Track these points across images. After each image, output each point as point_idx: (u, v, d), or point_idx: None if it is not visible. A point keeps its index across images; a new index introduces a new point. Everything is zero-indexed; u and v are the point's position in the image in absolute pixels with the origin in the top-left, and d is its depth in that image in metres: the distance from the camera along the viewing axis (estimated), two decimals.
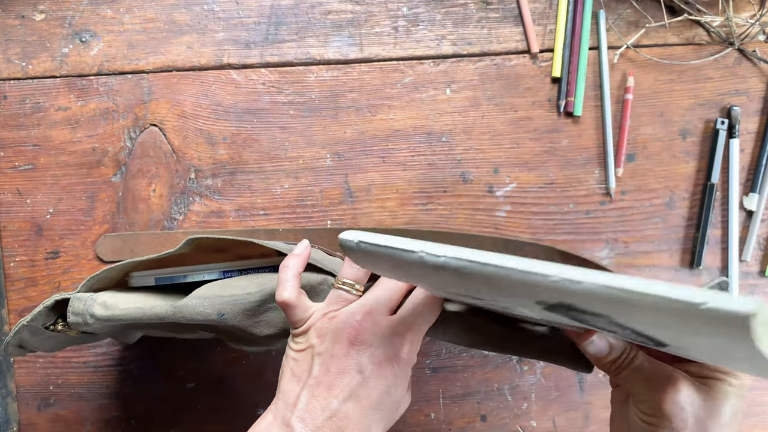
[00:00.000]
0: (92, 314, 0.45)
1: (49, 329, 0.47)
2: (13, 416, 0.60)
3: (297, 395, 0.40)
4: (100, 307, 0.45)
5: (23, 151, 0.60)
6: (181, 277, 0.49)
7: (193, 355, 0.60)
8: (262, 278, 0.46)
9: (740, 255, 0.60)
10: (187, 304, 0.44)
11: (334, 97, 0.60)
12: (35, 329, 0.46)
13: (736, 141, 0.59)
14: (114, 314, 0.45)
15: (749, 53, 0.60)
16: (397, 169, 0.60)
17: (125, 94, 0.60)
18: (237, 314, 0.44)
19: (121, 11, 0.60)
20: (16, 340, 0.46)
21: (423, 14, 0.60)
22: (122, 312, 0.45)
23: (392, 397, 0.40)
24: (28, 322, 0.45)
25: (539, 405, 0.60)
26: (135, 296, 0.47)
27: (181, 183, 0.60)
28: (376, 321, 0.40)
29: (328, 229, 0.59)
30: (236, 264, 0.49)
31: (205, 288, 0.46)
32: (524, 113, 0.60)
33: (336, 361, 0.39)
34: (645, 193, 0.60)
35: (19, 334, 0.45)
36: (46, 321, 0.46)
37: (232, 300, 0.44)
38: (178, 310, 0.44)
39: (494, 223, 0.60)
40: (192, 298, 0.44)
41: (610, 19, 0.60)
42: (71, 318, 0.45)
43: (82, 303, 0.45)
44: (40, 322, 0.46)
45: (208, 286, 0.46)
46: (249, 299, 0.44)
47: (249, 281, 0.46)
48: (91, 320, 0.45)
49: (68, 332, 0.47)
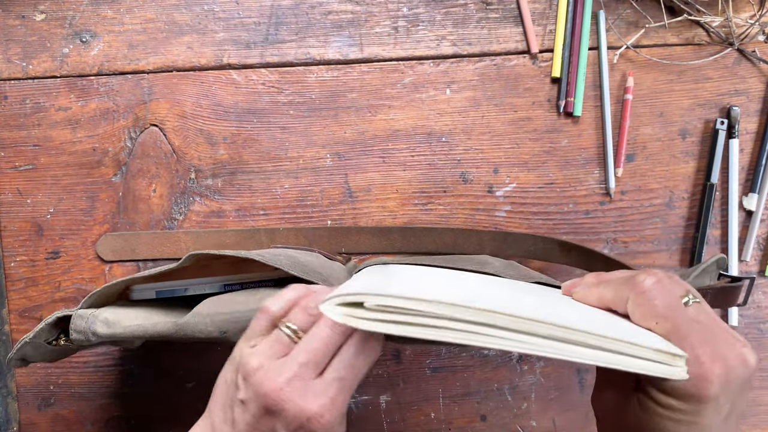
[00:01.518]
0: (95, 332, 0.45)
1: (51, 344, 0.47)
2: (14, 416, 0.60)
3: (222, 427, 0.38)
4: (102, 325, 0.45)
5: (24, 151, 0.60)
6: (182, 290, 0.49)
7: (193, 355, 0.60)
8: (263, 293, 0.46)
9: (740, 255, 0.60)
10: (188, 321, 0.44)
11: (334, 97, 0.60)
12: (37, 345, 0.46)
13: (736, 141, 0.59)
14: (116, 332, 0.45)
15: (749, 53, 0.60)
16: (397, 169, 0.60)
17: (125, 94, 0.60)
18: (239, 331, 0.44)
19: (121, 11, 0.60)
20: (18, 355, 0.47)
21: (423, 14, 0.60)
22: (124, 330, 0.45)
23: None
24: (31, 339, 0.45)
25: (539, 405, 0.60)
26: (136, 311, 0.47)
27: (181, 183, 0.60)
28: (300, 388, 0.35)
29: (329, 228, 0.59)
30: (237, 278, 0.49)
31: (206, 304, 0.46)
32: (524, 113, 0.60)
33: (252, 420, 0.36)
34: (644, 193, 0.60)
35: (21, 350, 0.46)
36: (48, 337, 0.47)
37: (233, 317, 0.44)
38: (180, 328, 0.44)
39: (494, 223, 0.60)
40: (194, 316, 0.45)
41: (610, 20, 0.60)
42: (74, 336, 0.46)
43: (84, 321, 0.46)
44: (42, 338, 0.46)
45: (210, 301, 0.46)
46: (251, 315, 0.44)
47: (250, 296, 0.46)
48: (93, 338, 0.45)
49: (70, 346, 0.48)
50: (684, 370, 0.31)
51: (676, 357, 0.31)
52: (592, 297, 0.38)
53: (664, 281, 0.35)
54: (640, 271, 0.37)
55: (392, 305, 0.29)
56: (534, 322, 0.29)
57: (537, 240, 0.56)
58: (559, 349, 0.29)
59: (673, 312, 0.33)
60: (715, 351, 0.32)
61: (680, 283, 0.36)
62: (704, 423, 0.32)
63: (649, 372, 0.30)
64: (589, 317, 0.33)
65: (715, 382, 0.31)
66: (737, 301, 0.49)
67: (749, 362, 0.33)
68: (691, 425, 0.32)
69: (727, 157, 0.60)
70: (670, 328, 0.33)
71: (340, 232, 0.59)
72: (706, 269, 0.48)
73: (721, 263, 0.48)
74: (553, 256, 0.56)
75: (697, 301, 0.35)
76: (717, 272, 0.49)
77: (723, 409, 0.32)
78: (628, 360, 0.30)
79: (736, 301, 0.49)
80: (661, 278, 0.35)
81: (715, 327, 0.34)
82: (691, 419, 0.32)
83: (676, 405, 0.32)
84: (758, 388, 0.60)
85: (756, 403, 0.61)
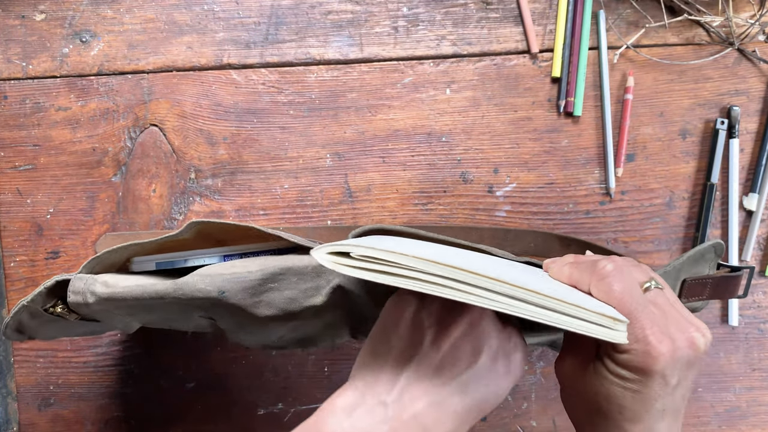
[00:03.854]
0: (93, 292, 0.44)
1: (48, 312, 0.47)
2: (14, 416, 0.60)
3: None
4: (101, 285, 0.45)
5: (23, 151, 0.60)
6: (182, 261, 0.49)
7: (193, 355, 0.60)
8: (263, 259, 0.46)
9: (740, 255, 0.60)
10: (187, 281, 0.44)
11: (334, 97, 0.60)
12: (35, 311, 0.46)
13: (736, 141, 0.59)
14: (115, 291, 0.45)
15: (749, 53, 0.60)
16: (397, 169, 0.60)
17: (125, 94, 0.60)
18: (238, 292, 0.44)
19: (121, 11, 0.60)
20: (14, 322, 0.46)
21: (423, 14, 0.60)
22: (123, 289, 0.45)
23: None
24: (28, 302, 0.44)
25: (539, 405, 0.60)
26: (136, 277, 0.47)
27: (181, 183, 0.60)
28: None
29: (329, 227, 0.59)
30: (236, 248, 0.49)
31: (206, 268, 0.46)
32: (524, 113, 0.60)
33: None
34: (645, 193, 0.60)
35: (18, 314, 0.45)
36: (46, 303, 0.46)
37: (233, 277, 0.44)
38: (179, 287, 0.44)
39: (494, 223, 0.60)
40: (193, 276, 0.44)
41: (610, 19, 0.60)
42: (71, 297, 0.45)
43: (82, 282, 0.45)
44: (39, 303, 0.45)
45: (209, 267, 0.46)
46: (250, 277, 0.44)
47: (250, 261, 0.46)
48: (91, 298, 0.44)
49: (67, 316, 0.47)
50: (624, 335, 0.35)
51: (618, 321, 0.34)
52: (564, 275, 0.40)
53: (624, 268, 0.38)
54: (604, 258, 0.40)
55: (373, 256, 0.33)
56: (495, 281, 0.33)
57: (537, 235, 0.56)
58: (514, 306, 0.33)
59: (628, 296, 0.36)
60: (664, 332, 0.35)
61: (644, 270, 0.40)
62: (649, 393, 0.35)
63: (591, 333, 0.33)
64: (553, 287, 0.36)
65: (660, 359, 0.35)
66: (737, 292, 0.48)
67: (697, 345, 0.36)
68: (637, 393, 0.36)
69: (727, 157, 0.60)
70: (624, 310, 0.36)
71: (340, 232, 0.59)
72: (704, 255, 0.48)
73: (719, 250, 0.48)
74: (553, 251, 0.56)
75: (659, 287, 0.38)
76: (716, 261, 0.49)
77: (670, 382, 0.35)
78: (574, 321, 0.33)
79: (737, 291, 0.48)
80: (621, 265, 0.38)
81: (671, 311, 0.37)
82: (637, 388, 0.36)
83: (625, 375, 0.36)
84: (758, 388, 0.60)
85: (756, 402, 0.60)
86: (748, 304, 0.60)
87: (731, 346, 0.60)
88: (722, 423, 0.61)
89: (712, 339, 0.37)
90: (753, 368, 0.60)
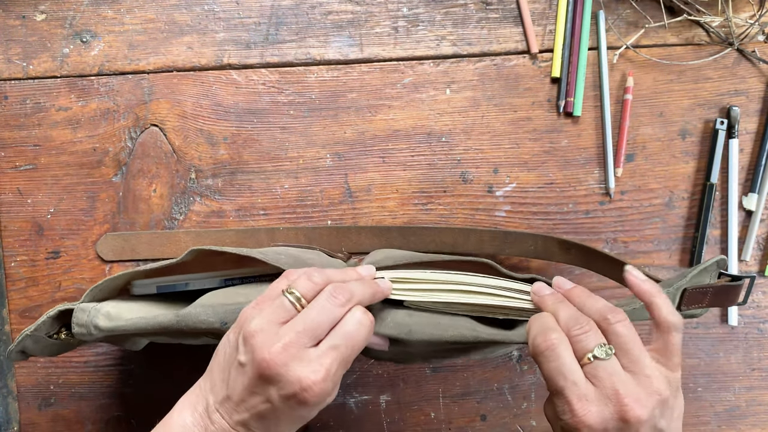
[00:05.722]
0: (96, 326, 0.45)
1: (52, 338, 0.47)
2: (14, 416, 0.60)
3: (220, 386, 0.39)
4: (104, 318, 0.45)
5: (24, 151, 0.60)
6: (183, 285, 0.49)
7: (193, 355, 0.60)
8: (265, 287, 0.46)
9: (740, 255, 0.60)
10: (190, 312, 0.44)
11: (334, 97, 0.60)
12: (38, 338, 0.46)
13: (736, 141, 0.59)
14: (118, 325, 0.45)
15: (749, 53, 0.60)
16: (397, 169, 0.60)
17: (126, 95, 0.60)
18: None
19: (121, 11, 0.60)
20: (19, 348, 0.47)
21: (423, 14, 0.60)
22: (126, 323, 0.45)
23: (306, 418, 0.39)
24: (32, 332, 0.45)
25: (539, 405, 0.60)
26: (138, 305, 0.47)
27: (181, 183, 0.60)
28: (294, 355, 0.37)
29: (329, 227, 0.59)
30: (237, 272, 0.50)
31: (208, 296, 0.46)
32: (524, 113, 0.60)
33: (248, 383, 0.38)
34: (644, 193, 0.60)
35: (22, 342, 0.46)
36: (50, 330, 0.47)
37: (235, 309, 0.44)
38: (182, 318, 0.44)
39: (494, 223, 0.60)
40: (195, 307, 0.45)
41: (610, 20, 0.60)
42: (76, 329, 0.46)
43: (86, 314, 0.46)
44: (43, 331, 0.46)
45: (211, 294, 0.46)
46: None
47: (252, 289, 0.46)
48: (95, 332, 0.45)
49: (71, 341, 0.48)
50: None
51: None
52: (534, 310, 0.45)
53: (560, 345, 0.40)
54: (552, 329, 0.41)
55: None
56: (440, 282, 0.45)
57: (537, 239, 0.56)
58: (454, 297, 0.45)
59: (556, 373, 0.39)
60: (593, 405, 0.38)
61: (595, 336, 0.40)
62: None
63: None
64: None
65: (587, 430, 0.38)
66: (737, 300, 0.49)
67: (627, 417, 0.37)
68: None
69: (726, 157, 0.60)
70: (551, 388, 0.40)
71: (340, 232, 0.59)
72: (707, 268, 0.48)
73: (721, 264, 0.48)
74: (553, 255, 0.56)
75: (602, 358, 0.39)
76: (717, 271, 0.49)
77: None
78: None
79: (737, 300, 0.49)
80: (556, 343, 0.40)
81: (608, 383, 0.38)
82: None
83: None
84: (758, 388, 0.60)
85: (755, 402, 0.61)
86: (748, 304, 0.60)
87: (731, 346, 0.60)
88: (722, 423, 0.61)
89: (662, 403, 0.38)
90: (752, 368, 0.60)
